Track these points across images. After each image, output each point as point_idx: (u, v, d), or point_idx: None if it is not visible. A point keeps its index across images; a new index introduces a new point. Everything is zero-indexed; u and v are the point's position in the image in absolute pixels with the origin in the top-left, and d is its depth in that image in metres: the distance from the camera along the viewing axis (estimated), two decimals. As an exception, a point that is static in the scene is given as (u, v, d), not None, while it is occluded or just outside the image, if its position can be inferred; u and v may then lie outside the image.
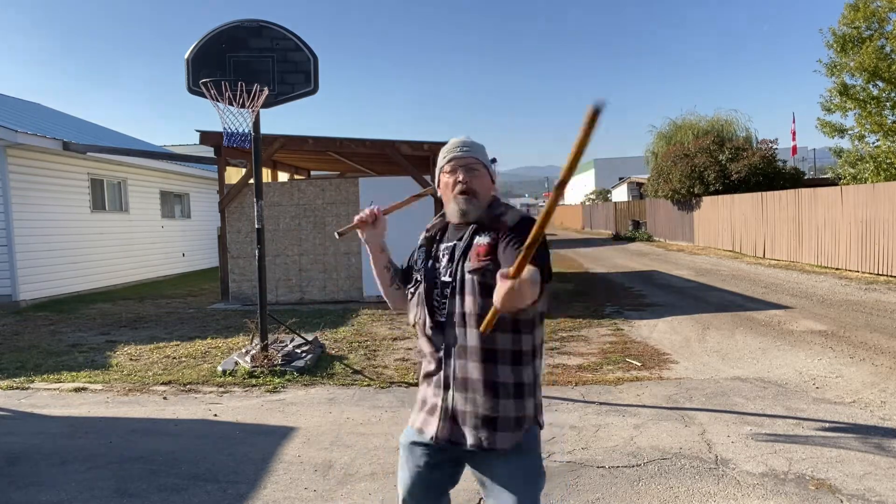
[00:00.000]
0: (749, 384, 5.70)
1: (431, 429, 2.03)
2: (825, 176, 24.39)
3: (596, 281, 14.13)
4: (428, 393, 2.09)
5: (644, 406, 5.13)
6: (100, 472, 4.04)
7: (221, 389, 5.92)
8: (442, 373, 2.02)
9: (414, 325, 2.15)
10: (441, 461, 2.08)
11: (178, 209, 17.67)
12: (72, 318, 10.15)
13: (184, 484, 3.83)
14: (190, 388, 6.02)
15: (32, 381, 6.30)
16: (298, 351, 6.89)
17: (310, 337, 7.41)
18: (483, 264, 1.95)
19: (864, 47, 15.97)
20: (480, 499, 1.90)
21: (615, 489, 3.63)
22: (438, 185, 2.15)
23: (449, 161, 2.09)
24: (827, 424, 4.59)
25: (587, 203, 49.61)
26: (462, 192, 2.03)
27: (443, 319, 2.02)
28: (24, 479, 3.94)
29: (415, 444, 2.10)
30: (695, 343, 7.47)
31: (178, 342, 8.05)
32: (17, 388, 6.12)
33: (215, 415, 5.18)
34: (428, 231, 2.19)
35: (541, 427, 2.09)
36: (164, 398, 5.71)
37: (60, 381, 6.29)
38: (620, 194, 42.94)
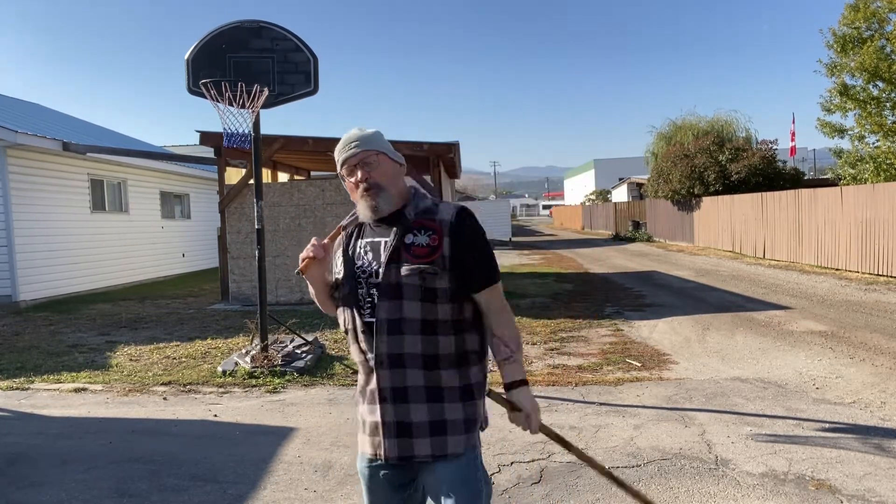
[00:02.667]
0: (749, 385, 5.70)
1: (380, 449, 1.89)
2: (825, 176, 24.40)
3: (596, 281, 14.13)
4: (364, 411, 1.94)
5: (644, 406, 5.13)
6: (100, 472, 4.04)
7: (221, 390, 5.92)
8: (376, 384, 1.87)
9: (346, 332, 1.99)
10: (403, 480, 1.95)
11: (178, 210, 17.67)
12: (72, 318, 10.15)
13: (184, 484, 3.83)
14: (190, 388, 6.02)
15: (32, 382, 6.31)
16: (298, 351, 6.89)
17: (310, 337, 7.41)
18: (424, 266, 1.84)
19: (865, 48, 15.97)
20: None
21: (615, 490, 3.62)
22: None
23: (343, 164, 1.95)
24: (827, 425, 4.59)
25: (587, 203, 49.61)
26: (366, 190, 1.91)
27: (371, 320, 1.87)
28: (24, 480, 3.94)
29: (371, 468, 1.95)
30: (695, 343, 7.47)
31: (178, 343, 8.05)
32: (17, 388, 6.12)
33: (215, 415, 5.18)
34: (344, 229, 2.04)
35: (483, 427, 2.01)
36: (164, 399, 5.71)
37: (60, 382, 6.29)
38: (620, 195, 42.94)
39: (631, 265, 17.68)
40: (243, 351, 6.94)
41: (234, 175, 11.87)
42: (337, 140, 2.06)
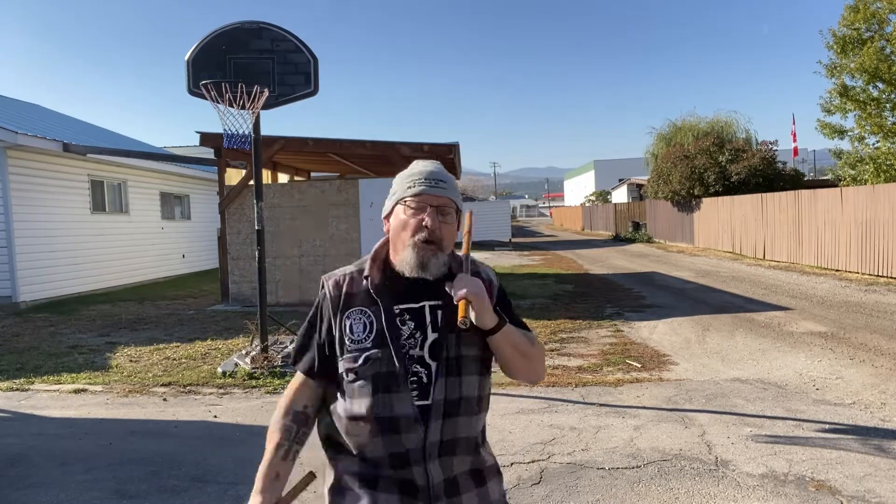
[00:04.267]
0: (749, 385, 5.69)
1: None
2: (825, 177, 24.40)
3: (596, 282, 14.13)
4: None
5: (644, 407, 5.13)
6: (100, 473, 4.03)
7: (221, 391, 5.92)
8: (420, 479, 1.52)
9: (359, 422, 1.55)
10: None
11: (178, 210, 17.67)
12: (72, 319, 10.15)
13: (184, 485, 3.83)
14: (190, 389, 6.01)
15: (32, 383, 6.30)
16: (298, 352, 6.88)
17: (310, 338, 7.40)
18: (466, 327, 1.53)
19: (865, 49, 15.97)
20: None
21: (615, 490, 3.62)
22: (388, 217, 1.65)
23: (417, 195, 1.58)
24: (827, 426, 4.59)
25: (587, 204, 49.62)
26: (427, 242, 1.55)
27: (424, 403, 1.52)
28: (23, 481, 3.93)
29: None
30: (695, 344, 7.47)
31: (178, 343, 8.05)
32: (17, 389, 6.12)
33: (215, 416, 5.17)
34: (348, 280, 1.62)
35: None
36: (164, 399, 5.71)
37: (60, 383, 6.29)
38: (620, 195, 42.95)
39: (631, 266, 17.68)
40: (243, 352, 6.94)
41: (234, 176, 11.87)
42: (337, 141, 1.98)
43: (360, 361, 1.53)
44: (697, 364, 6.54)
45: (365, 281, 1.61)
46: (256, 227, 6.77)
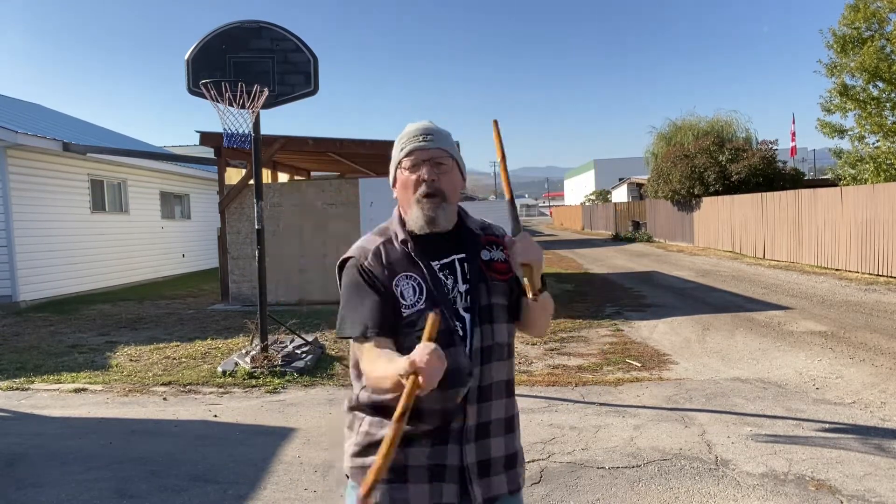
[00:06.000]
0: (749, 385, 5.69)
1: (453, 497, 1.60)
2: (825, 177, 24.39)
3: (596, 281, 14.13)
4: (418, 455, 1.59)
5: (644, 407, 5.13)
6: (100, 472, 4.03)
7: (221, 390, 5.92)
8: (454, 425, 1.59)
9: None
10: None
11: (178, 210, 17.67)
12: (72, 318, 10.15)
13: (184, 485, 3.83)
14: (190, 388, 6.02)
15: (32, 382, 6.30)
16: (298, 352, 6.89)
17: (310, 338, 7.41)
18: (507, 283, 1.68)
19: (865, 48, 15.97)
20: None
21: (615, 490, 3.63)
22: (394, 184, 1.72)
23: (409, 154, 1.65)
24: (827, 425, 4.59)
25: (587, 204, 49.61)
26: (428, 195, 1.62)
27: (468, 356, 1.61)
28: (23, 480, 3.94)
29: None
30: (695, 344, 7.47)
31: (178, 343, 8.05)
32: (17, 388, 6.12)
33: (215, 416, 5.18)
34: (385, 250, 1.65)
35: None
36: (164, 399, 5.71)
37: (60, 382, 6.29)
38: (620, 195, 42.95)
39: (631, 265, 17.68)
40: (243, 351, 6.94)
41: (234, 175, 11.88)
42: (337, 140, 2.00)
43: (420, 324, 1.52)
44: (697, 363, 6.54)
45: (401, 246, 1.65)
46: (256, 227, 6.77)
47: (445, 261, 1.65)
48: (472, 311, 1.62)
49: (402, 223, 1.68)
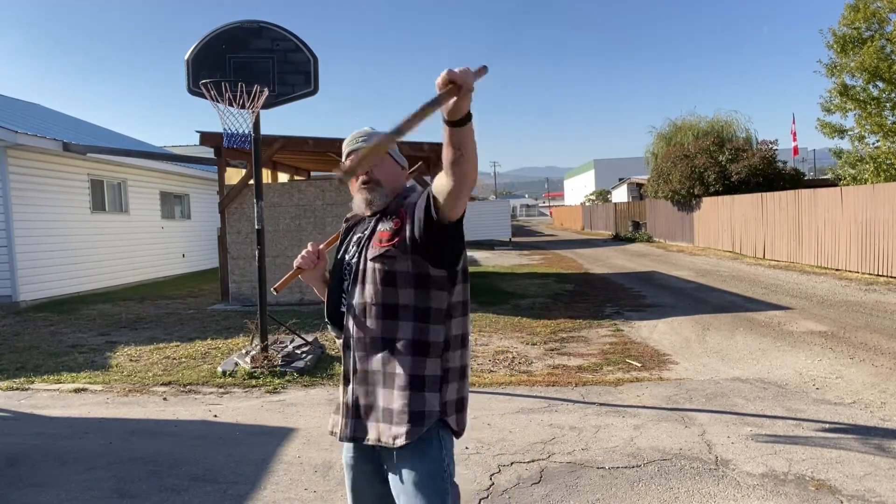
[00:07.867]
0: (749, 385, 5.69)
1: (336, 428, 2.00)
2: (825, 177, 24.40)
3: (596, 282, 14.13)
4: (338, 392, 2.06)
5: (644, 407, 5.13)
6: (100, 472, 4.03)
7: (221, 390, 5.92)
8: (343, 366, 2.01)
9: (328, 320, 2.11)
10: (366, 468, 2.01)
11: (178, 210, 17.67)
12: (72, 318, 10.15)
13: (184, 485, 3.83)
14: (190, 388, 6.02)
15: (32, 382, 6.30)
16: (298, 352, 6.89)
17: (310, 338, 7.41)
18: (384, 250, 1.92)
19: (865, 48, 15.97)
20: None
21: (615, 490, 3.63)
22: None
23: (348, 156, 2.05)
24: (827, 425, 4.59)
25: (587, 204, 49.61)
26: (364, 183, 2.01)
27: (343, 310, 2.00)
28: (23, 480, 3.94)
29: (347, 455, 2.05)
30: (695, 344, 7.47)
31: (178, 343, 8.05)
32: (17, 388, 6.12)
33: (215, 415, 5.18)
34: (346, 221, 2.18)
35: (455, 432, 1.97)
36: (164, 399, 5.71)
37: (60, 382, 6.29)
38: (620, 195, 42.94)
39: (631, 265, 17.68)
40: (243, 351, 6.94)
41: (234, 175, 11.87)
42: (336, 140, 2.09)
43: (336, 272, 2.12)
44: (697, 363, 6.54)
45: (347, 221, 2.20)
46: (256, 227, 6.77)
47: (360, 235, 2.04)
48: (350, 273, 2.00)
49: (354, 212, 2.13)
